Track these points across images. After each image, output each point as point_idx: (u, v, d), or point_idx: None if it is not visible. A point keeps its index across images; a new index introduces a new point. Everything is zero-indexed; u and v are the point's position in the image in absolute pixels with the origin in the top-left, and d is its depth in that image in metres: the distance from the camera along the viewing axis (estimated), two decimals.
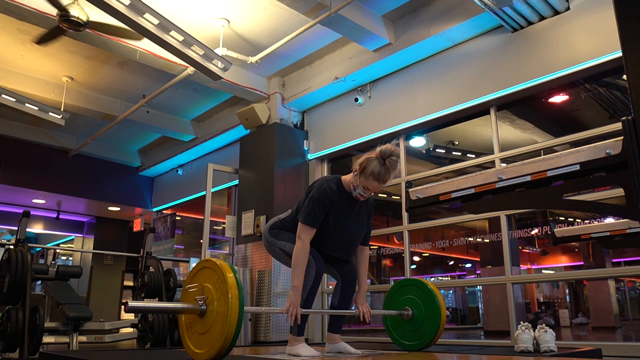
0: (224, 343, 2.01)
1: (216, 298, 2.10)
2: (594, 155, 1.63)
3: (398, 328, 3.13)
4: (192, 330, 2.22)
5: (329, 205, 2.54)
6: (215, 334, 2.06)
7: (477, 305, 14.40)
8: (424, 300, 3.00)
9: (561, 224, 4.06)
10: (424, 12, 4.79)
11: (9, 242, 6.21)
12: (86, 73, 6.13)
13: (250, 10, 4.80)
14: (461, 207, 2.12)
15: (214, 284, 2.13)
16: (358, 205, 2.66)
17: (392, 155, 2.45)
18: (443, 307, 2.95)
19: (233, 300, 2.01)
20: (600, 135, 3.88)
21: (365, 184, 2.49)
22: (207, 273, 2.20)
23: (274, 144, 5.82)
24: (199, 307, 2.13)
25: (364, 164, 2.48)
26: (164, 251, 8.07)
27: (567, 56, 4.01)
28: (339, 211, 2.58)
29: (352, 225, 2.64)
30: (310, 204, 2.52)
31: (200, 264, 2.27)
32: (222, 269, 2.11)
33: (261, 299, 5.39)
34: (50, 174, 8.03)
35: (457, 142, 6.34)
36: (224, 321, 2.01)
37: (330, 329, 2.78)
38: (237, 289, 2.05)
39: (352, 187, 2.55)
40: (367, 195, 2.55)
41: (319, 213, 2.52)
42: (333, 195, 2.55)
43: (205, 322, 2.13)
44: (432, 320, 2.93)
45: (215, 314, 2.08)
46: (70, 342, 4.71)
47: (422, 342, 2.99)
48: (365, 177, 2.47)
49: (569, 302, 13.25)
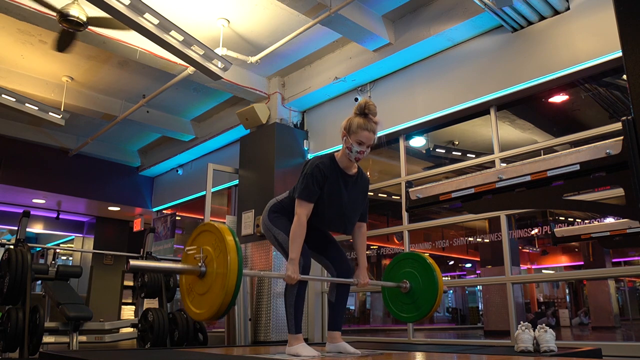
0: (223, 301, 2.08)
1: (216, 260, 2.15)
2: (594, 155, 1.63)
3: (396, 300, 3.16)
4: (192, 293, 2.28)
5: (322, 180, 2.61)
6: (214, 294, 2.12)
7: (477, 305, 14.41)
8: (422, 273, 3.02)
9: (561, 224, 4.06)
10: (424, 12, 4.79)
11: (9, 242, 6.21)
12: (86, 73, 6.13)
13: (250, 10, 4.80)
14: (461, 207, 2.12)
15: (214, 247, 2.19)
16: (352, 180, 2.72)
17: (367, 104, 2.59)
18: (440, 280, 2.97)
19: (232, 262, 2.07)
20: (600, 135, 3.87)
21: (357, 139, 2.58)
22: (206, 236, 2.26)
23: (274, 144, 5.82)
24: (199, 268, 2.19)
25: (347, 125, 2.62)
26: (164, 251, 8.06)
27: (567, 56, 4.01)
28: (334, 186, 2.64)
29: (348, 200, 2.69)
30: (305, 180, 2.60)
31: (201, 228, 2.33)
32: (221, 232, 2.17)
33: (261, 298, 5.39)
34: (50, 174, 8.03)
35: (457, 142, 6.34)
36: (223, 282, 2.07)
37: (330, 327, 2.79)
38: (236, 251, 2.10)
39: (348, 151, 2.61)
40: (364, 150, 2.60)
41: (314, 188, 2.59)
42: (326, 170, 2.63)
43: (205, 283, 2.19)
44: (429, 293, 2.96)
45: (215, 275, 2.14)
46: (70, 342, 4.71)
47: (419, 314, 3.01)
48: (354, 133, 2.57)
49: (569, 302, 13.25)
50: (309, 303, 5.61)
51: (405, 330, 5.09)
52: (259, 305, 5.38)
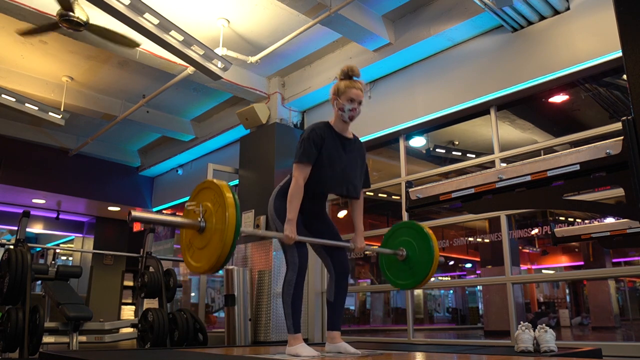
0: (219, 257, 2.15)
1: (215, 215, 2.21)
2: (594, 155, 1.63)
3: (392, 268, 3.19)
4: (192, 248, 2.35)
5: (320, 141, 2.67)
6: (212, 248, 2.19)
7: (477, 305, 14.40)
8: (419, 241, 3.05)
9: (561, 224, 4.06)
10: (424, 12, 4.79)
11: (9, 242, 6.21)
12: (86, 73, 6.13)
13: (250, 10, 4.80)
14: (461, 207, 2.12)
15: (213, 202, 2.24)
16: (349, 144, 2.79)
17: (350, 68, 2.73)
18: (436, 248, 3.00)
19: (230, 217, 2.13)
20: (600, 135, 3.88)
21: (347, 97, 2.68)
22: (207, 193, 2.31)
23: (274, 143, 5.82)
24: (199, 223, 2.25)
25: (334, 89, 2.74)
26: (164, 251, 8.07)
27: (567, 56, 4.01)
28: (332, 148, 2.71)
29: (347, 161, 2.76)
30: (302, 143, 2.66)
31: (201, 185, 2.39)
32: (221, 189, 2.22)
33: (261, 298, 5.39)
34: (50, 174, 8.03)
35: (457, 142, 6.34)
36: (221, 237, 2.14)
37: (329, 327, 2.79)
38: (234, 207, 2.16)
39: (340, 112, 2.71)
40: (356, 107, 2.70)
41: (311, 149, 2.64)
42: (323, 133, 2.70)
43: (204, 237, 2.26)
44: (425, 261, 2.99)
45: (214, 230, 2.20)
46: (70, 342, 4.71)
47: (415, 280, 3.04)
48: (344, 93, 2.69)
49: (569, 302, 13.25)
50: (308, 303, 5.61)
51: (405, 330, 5.09)
52: (259, 305, 5.38)
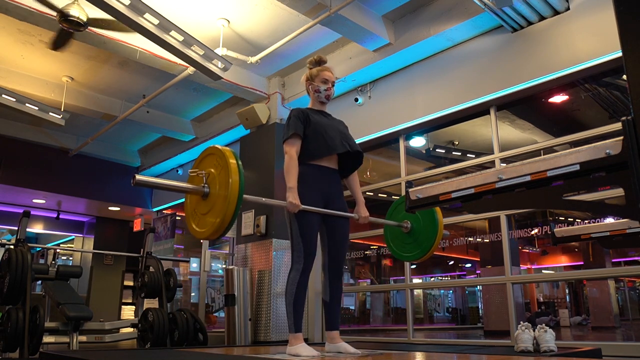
0: (223, 220, 2.16)
1: (218, 182, 2.22)
2: (594, 155, 1.63)
3: (397, 240, 3.22)
4: (196, 215, 2.37)
5: (303, 116, 2.78)
6: (216, 213, 2.21)
7: (477, 305, 14.40)
8: (423, 213, 3.07)
9: (561, 224, 4.06)
10: (424, 12, 4.79)
11: (9, 242, 6.21)
12: (86, 73, 6.13)
13: (250, 10, 4.80)
14: (461, 207, 2.12)
15: (217, 168, 2.25)
16: (330, 117, 2.95)
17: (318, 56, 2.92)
18: (441, 219, 3.02)
19: (233, 184, 2.14)
20: (600, 135, 3.88)
21: (321, 79, 2.86)
22: (211, 159, 2.32)
23: (274, 143, 5.82)
24: (202, 188, 2.27)
25: (307, 76, 2.91)
26: (164, 251, 8.06)
27: (567, 56, 4.01)
28: (317, 118, 2.82)
29: (335, 126, 2.88)
30: (287, 123, 2.79)
31: (206, 151, 2.40)
32: (225, 155, 2.23)
33: (261, 298, 5.39)
34: (50, 174, 8.03)
35: (457, 142, 6.34)
36: (224, 201, 2.15)
37: (327, 327, 2.79)
38: (237, 173, 2.17)
39: (317, 93, 2.87)
40: (330, 86, 2.88)
41: (297, 123, 2.74)
42: (304, 110, 2.82)
43: (207, 203, 2.28)
44: (430, 232, 3.01)
45: (217, 196, 2.21)
46: (70, 342, 4.71)
47: (420, 251, 3.06)
48: (317, 77, 2.86)
49: (569, 302, 13.25)
50: (308, 303, 5.61)
51: (405, 330, 5.09)
52: (259, 305, 5.38)
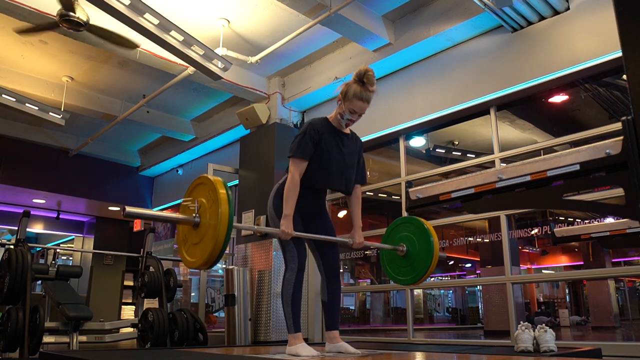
0: (212, 252, 2.18)
1: (209, 211, 2.25)
2: (594, 155, 1.63)
3: (393, 263, 3.19)
4: (187, 243, 2.38)
5: (317, 136, 2.64)
6: (206, 244, 2.23)
7: (477, 305, 14.40)
8: (419, 237, 3.05)
9: (561, 224, 4.06)
10: (424, 12, 4.78)
11: (9, 242, 6.21)
12: (86, 73, 6.13)
13: (250, 10, 4.80)
14: (461, 207, 2.12)
15: (207, 198, 2.28)
16: (347, 139, 2.77)
17: (367, 72, 2.58)
18: (436, 244, 2.99)
19: (223, 214, 2.17)
20: (600, 135, 3.87)
21: (350, 107, 2.61)
22: (202, 189, 2.35)
23: (274, 144, 5.82)
24: (193, 218, 2.28)
25: (344, 90, 2.63)
26: (164, 251, 8.07)
27: (567, 56, 4.01)
28: (329, 144, 2.68)
29: (345, 156, 2.75)
30: (298, 138, 2.65)
31: (197, 181, 2.41)
32: (214, 184, 2.25)
33: (261, 298, 5.39)
34: (50, 174, 8.02)
35: (457, 142, 6.34)
36: (214, 233, 2.17)
37: (327, 327, 2.80)
38: (227, 204, 2.20)
39: (340, 117, 2.67)
40: (354, 119, 2.66)
41: (308, 144, 2.62)
42: (320, 128, 2.67)
43: (198, 233, 2.29)
44: (425, 256, 2.99)
45: (207, 226, 2.24)
46: (70, 342, 4.71)
47: (415, 276, 3.04)
48: (349, 101, 2.61)
49: (568, 302, 13.25)
50: (308, 303, 5.61)
51: (405, 330, 5.09)
52: (259, 305, 5.38)
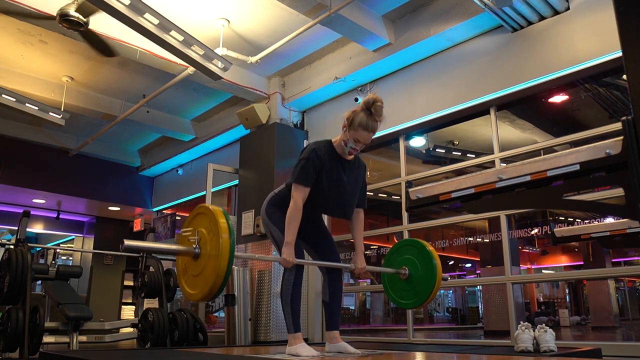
0: (214, 285, 2.12)
1: (209, 242, 2.19)
2: (594, 155, 1.63)
3: (395, 287, 3.18)
4: (187, 274, 2.32)
5: (320, 163, 2.60)
6: (207, 276, 2.16)
7: (477, 305, 14.41)
8: (421, 260, 3.03)
9: (561, 224, 4.06)
10: (424, 12, 4.79)
11: (9, 242, 6.21)
12: (86, 73, 6.13)
13: (250, 10, 4.80)
14: (461, 207, 2.12)
15: (208, 229, 2.22)
16: (349, 166, 2.72)
17: (376, 102, 2.53)
18: (439, 267, 2.98)
19: (224, 244, 2.10)
20: (600, 135, 3.87)
21: (355, 137, 2.55)
22: (202, 218, 2.29)
23: (274, 144, 5.82)
24: (193, 250, 2.22)
25: (351, 117, 2.56)
26: None
27: (567, 56, 4.01)
28: (331, 170, 2.63)
29: (346, 183, 2.69)
30: (301, 164, 2.60)
31: (196, 210, 2.36)
32: (214, 215, 2.20)
33: (261, 298, 5.39)
34: (50, 174, 8.02)
35: (457, 142, 6.35)
36: (215, 264, 2.11)
37: (327, 327, 2.80)
38: (228, 233, 2.14)
39: (344, 144, 2.61)
40: (358, 148, 2.61)
41: (310, 171, 2.58)
42: (323, 154, 2.61)
43: (199, 264, 2.22)
44: (427, 280, 2.97)
45: (208, 257, 2.17)
46: (70, 342, 4.71)
47: (417, 300, 3.03)
48: (354, 130, 2.54)
49: (568, 302, 13.26)
50: (308, 303, 5.61)
51: (405, 330, 5.09)
52: (259, 305, 5.38)
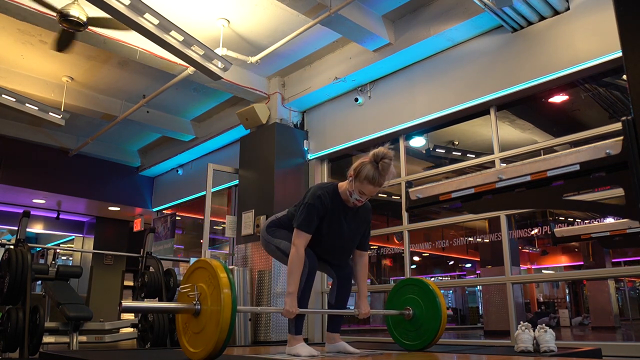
0: (217, 342, 2.04)
1: (210, 297, 2.11)
2: (594, 155, 1.63)
3: (399, 327, 3.13)
4: (188, 331, 2.24)
5: (323, 211, 2.56)
6: (209, 333, 2.08)
7: (477, 305, 14.40)
8: (425, 300, 3.00)
9: (561, 224, 4.06)
10: (424, 12, 4.78)
11: (9, 242, 6.21)
12: (86, 73, 6.13)
13: (250, 10, 4.80)
14: (461, 207, 2.12)
15: (208, 284, 2.14)
16: (354, 211, 2.66)
17: (384, 158, 2.46)
18: (444, 307, 2.95)
19: (225, 299, 2.03)
20: (600, 135, 3.87)
21: (360, 189, 2.50)
22: (201, 273, 2.22)
23: (274, 144, 5.82)
24: (194, 306, 2.14)
25: (358, 169, 2.50)
26: (164, 251, 8.06)
27: (567, 56, 4.01)
28: (334, 218, 2.60)
29: (347, 232, 2.65)
30: (305, 209, 2.54)
31: (195, 265, 2.29)
32: (214, 269, 2.12)
33: (261, 299, 5.39)
34: (50, 174, 8.03)
35: (457, 142, 6.35)
36: (217, 320, 2.03)
37: (329, 328, 2.79)
38: (229, 288, 2.06)
39: (349, 194, 2.56)
40: (363, 199, 2.56)
41: (314, 219, 2.54)
42: (328, 202, 2.57)
43: (199, 321, 2.15)
44: (432, 320, 2.93)
45: (209, 313, 2.09)
46: (70, 342, 4.71)
47: (422, 342, 2.99)
48: (360, 182, 2.49)
49: (568, 302, 13.26)
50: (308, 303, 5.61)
51: None
52: (259, 305, 5.38)
